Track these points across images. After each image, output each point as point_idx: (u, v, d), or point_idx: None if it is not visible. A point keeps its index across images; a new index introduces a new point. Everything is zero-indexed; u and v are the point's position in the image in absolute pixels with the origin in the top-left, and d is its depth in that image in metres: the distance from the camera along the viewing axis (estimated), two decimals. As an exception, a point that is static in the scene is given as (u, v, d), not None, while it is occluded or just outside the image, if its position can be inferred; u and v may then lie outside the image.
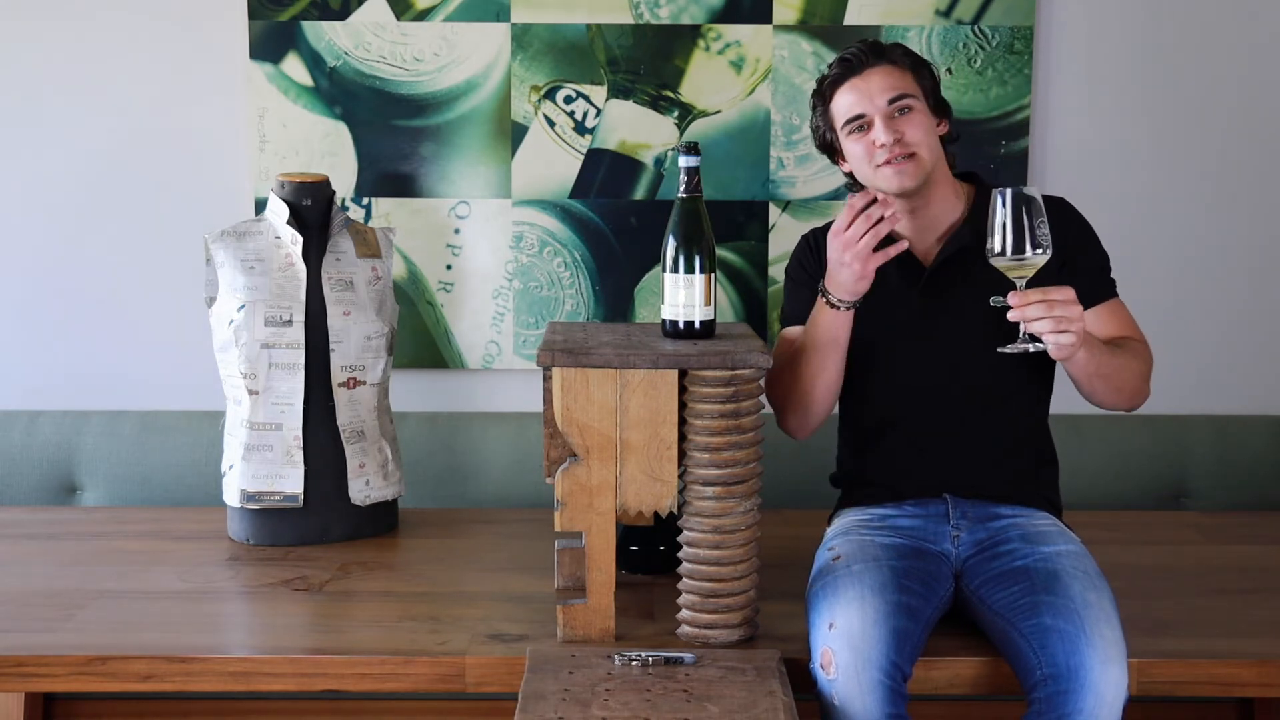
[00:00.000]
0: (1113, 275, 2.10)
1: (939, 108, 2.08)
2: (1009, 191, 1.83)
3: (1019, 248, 1.82)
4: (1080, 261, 2.05)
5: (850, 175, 2.14)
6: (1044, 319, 1.81)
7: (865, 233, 1.92)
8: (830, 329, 2.02)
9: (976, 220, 2.03)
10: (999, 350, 1.89)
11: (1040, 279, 1.85)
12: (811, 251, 2.18)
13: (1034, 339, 1.85)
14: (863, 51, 2.04)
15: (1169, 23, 2.67)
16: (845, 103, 2.04)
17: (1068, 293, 1.83)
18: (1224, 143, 2.70)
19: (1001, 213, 1.83)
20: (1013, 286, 1.85)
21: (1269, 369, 2.76)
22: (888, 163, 2.00)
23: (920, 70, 2.06)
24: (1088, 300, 2.02)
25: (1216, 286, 2.74)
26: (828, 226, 2.20)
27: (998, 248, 1.83)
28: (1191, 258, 2.73)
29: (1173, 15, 2.67)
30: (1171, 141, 2.70)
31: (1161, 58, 2.68)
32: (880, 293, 2.07)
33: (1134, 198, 2.72)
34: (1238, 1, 2.66)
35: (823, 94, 2.09)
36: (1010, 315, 1.84)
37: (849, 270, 1.95)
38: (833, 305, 2.00)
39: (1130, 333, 2.08)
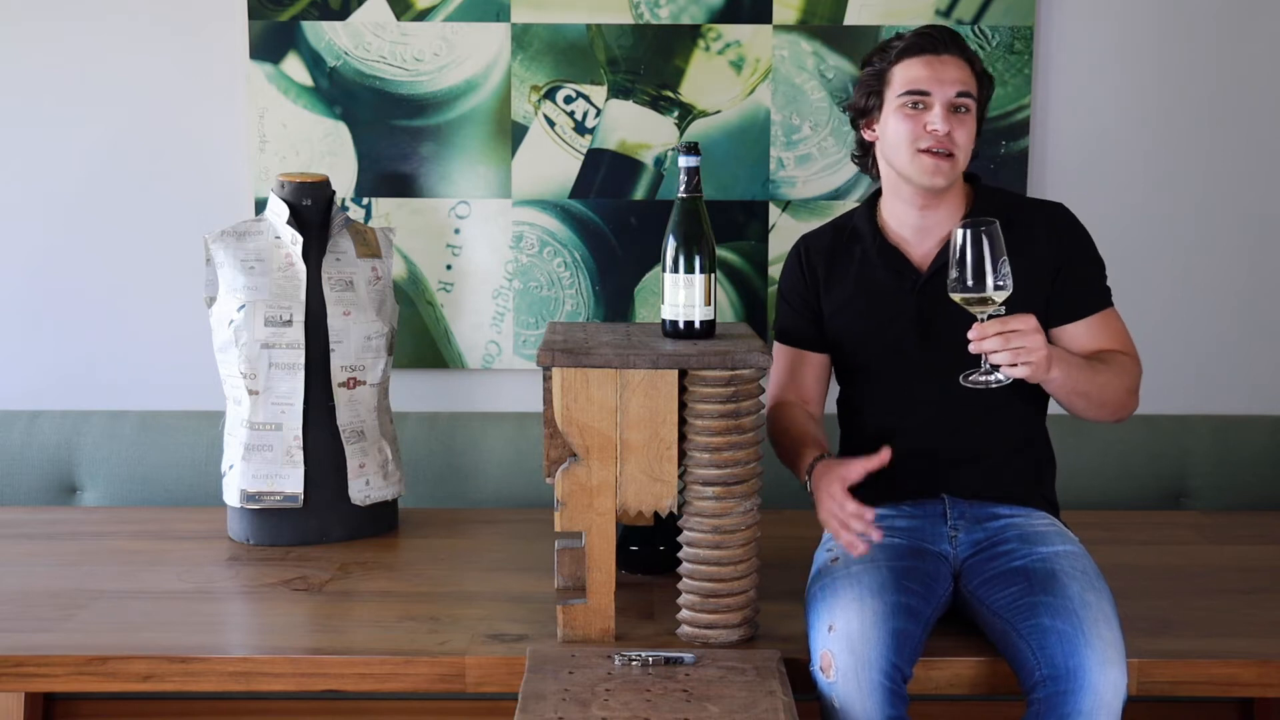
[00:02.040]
0: (1108, 284, 2.07)
1: (980, 122, 2.06)
2: (968, 230, 1.77)
3: (979, 285, 1.77)
4: (1076, 270, 2.02)
5: (865, 147, 2.11)
6: (1001, 351, 1.78)
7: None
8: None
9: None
10: (962, 382, 1.84)
11: (1032, 284, 1.82)
12: (801, 263, 2.17)
13: (996, 368, 1.81)
14: (944, 35, 2.01)
15: (1169, 23, 2.67)
16: (913, 74, 1.99)
17: (1028, 321, 1.79)
18: (1224, 143, 2.70)
19: (959, 248, 1.78)
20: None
21: (1269, 369, 2.76)
22: (930, 151, 1.97)
23: (984, 80, 2.05)
24: (1080, 310, 2.01)
25: (1216, 287, 2.74)
26: (817, 233, 2.19)
27: (954, 281, 1.79)
28: (1191, 257, 2.73)
29: (1172, 15, 2.67)
30: (1171, 141, 2.70)
31: (1161, 57, 2.68)
32: (877, 298, 2.07)
33: (1134, 198, 2.71)
34: (1237, 1, 2.67)
35: (888, 56, 2.03)
36: (970, 348, 1.80)
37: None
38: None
39: (1120, 345, 2.04)
